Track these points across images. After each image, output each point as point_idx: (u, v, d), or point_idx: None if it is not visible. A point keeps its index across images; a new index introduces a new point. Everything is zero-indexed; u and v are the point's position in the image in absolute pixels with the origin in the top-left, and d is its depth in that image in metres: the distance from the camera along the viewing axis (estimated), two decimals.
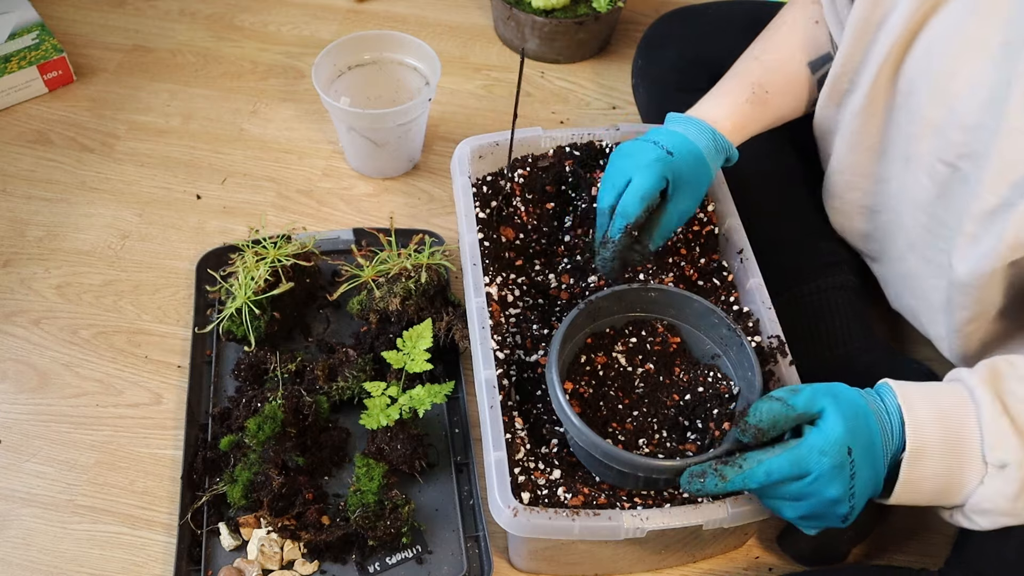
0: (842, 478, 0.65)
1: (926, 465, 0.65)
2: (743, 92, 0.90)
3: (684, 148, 0.84)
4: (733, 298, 0.92)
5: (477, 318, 0.86)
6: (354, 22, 1.47)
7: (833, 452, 0.66)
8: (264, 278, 0.95)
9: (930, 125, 0.77)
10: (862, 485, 0.66)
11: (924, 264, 0.85)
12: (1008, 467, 0.63)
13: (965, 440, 0.64)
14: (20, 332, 1.05)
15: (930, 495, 0.67)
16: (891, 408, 0.67)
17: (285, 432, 0.89)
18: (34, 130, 1.27)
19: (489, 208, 0.98)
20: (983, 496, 0.65)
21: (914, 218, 0.83)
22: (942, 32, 0.75)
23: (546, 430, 0.84)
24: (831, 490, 0.65)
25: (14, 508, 0.92)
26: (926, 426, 0.65)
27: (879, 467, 0.66)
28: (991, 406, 0.64)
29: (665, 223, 0.83)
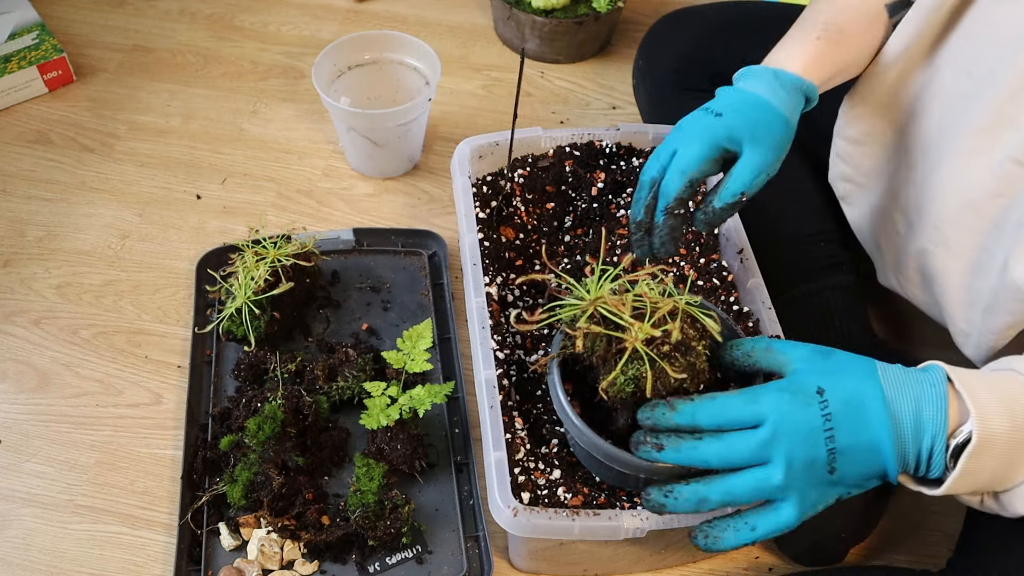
0: (808, 417, 0.61)
1: (990, 456, 0.60)
2: (812, 31, 0.81)
3: (739, 103, 0.76)
4: (733, 298, 0.93)
5: (477, 318, 0.86)
6: (354, 22, 1.47)
7: (793, 389, 0.62)
8: (264, 278, 0.95)
9: (1008, 120, 0.72)
10: (850, 440, 0.61)
11: (959, 262, 0.80)
12: None
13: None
14: (20, 332, 1.05)
15: (980, 485, 0.62)
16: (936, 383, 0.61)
17: (285, 432, 0.89)
18: (34, 130, 1.27)
19: (489, 208, 0.98)
20: None
21: (958, 217, 0.78)
22: None
23: (546, 430, 0.84)
24: (796, 433, 0.61)
25: (14, 508, 0.92)
26: (993, 418, 0.59)
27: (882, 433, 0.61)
28: None
29: (733, 181, 0.75)
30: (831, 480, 0.63)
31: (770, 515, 0.63)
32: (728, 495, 0.63)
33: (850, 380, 0.63)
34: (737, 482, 0.63)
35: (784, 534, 0.88)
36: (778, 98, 0.77)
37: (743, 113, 0.75)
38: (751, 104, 0.76)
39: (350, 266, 1.11)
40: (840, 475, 0.62)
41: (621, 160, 1.04)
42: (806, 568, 0.90)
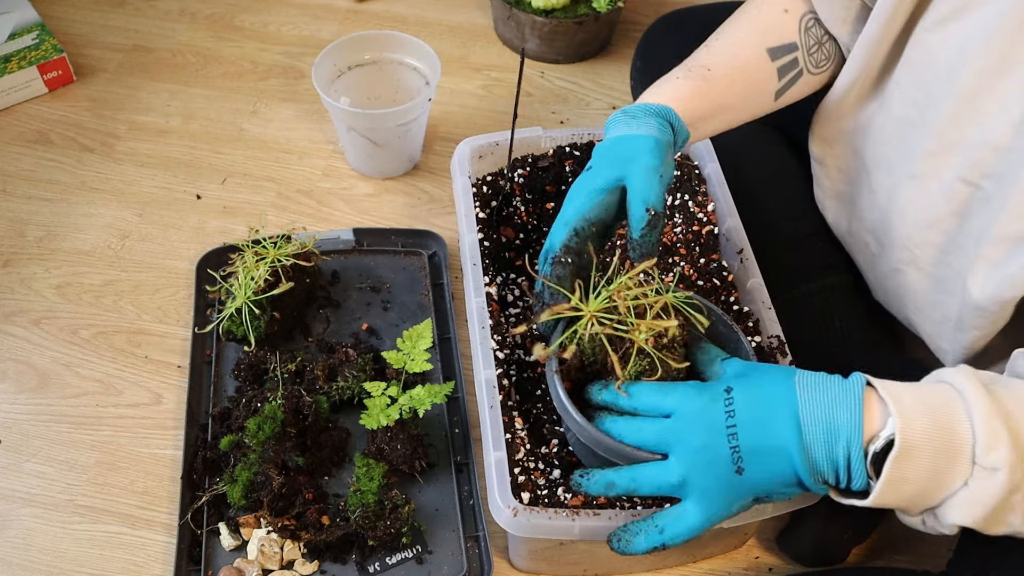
0: (711, 413, 0.63)
1: (915, 463, 0.59)
2: (675, 72, 0.86)
3: (601, 148, 0.78)
4: (733, 298, 0.93)
5: (477, 318, 0.86)
6: (354, 22, 1.47)
7: (705, 387, 0.65)
8: (264, 278, 0.95)
9: (952, 143, 0.74)
10: (754, 439, 0.61)
11: (927, 280, 0.82)
12: (998, 471, 0.58)
13: (956, 439, 0.59)
14: (20, 332, 1.05)
15: (910, 497, 0.61)
16: (853, 388, 0.61)
17: (285, 432, 0.89)
18: (34, 130, 1.27)
19: (489, 208, 0.98)
20: (964, 499, 0.59)
21: (919, 235, 0.81)
22: (968, 48, 0.72)
23: (546, 430, 0.84)
24: (696, 425, 0.63)
25: (14, 508, 0.92)
26: (916, 423, 0.59)
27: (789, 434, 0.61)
28: (985, 407, 0.59)
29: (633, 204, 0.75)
30: (742, 484, 0.63)
31: (677, 517, 0.65)
32: (632, 482, 0.66)
33: (760, 382, 0.65)
34: (641, 471, 0.66)
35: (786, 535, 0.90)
36: (632, 127, 0.78)
37: (607, 152, 0.77)
38: (611, 143, 0.78)
39: (350, 266, 1.11)
40: (750, 477, 0.63)
41: None
42: (807, 568, 0.90)
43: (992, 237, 0.70)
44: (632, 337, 0.69)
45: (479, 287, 0.88)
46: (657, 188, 0.74)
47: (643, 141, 0.76)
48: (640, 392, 0.68)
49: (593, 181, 0.76)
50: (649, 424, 0.67)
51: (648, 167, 0.74)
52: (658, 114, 0.80)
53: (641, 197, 0.74)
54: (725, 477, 0.63)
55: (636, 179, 0.74)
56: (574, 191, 0.77)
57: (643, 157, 0.75)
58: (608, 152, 0.77)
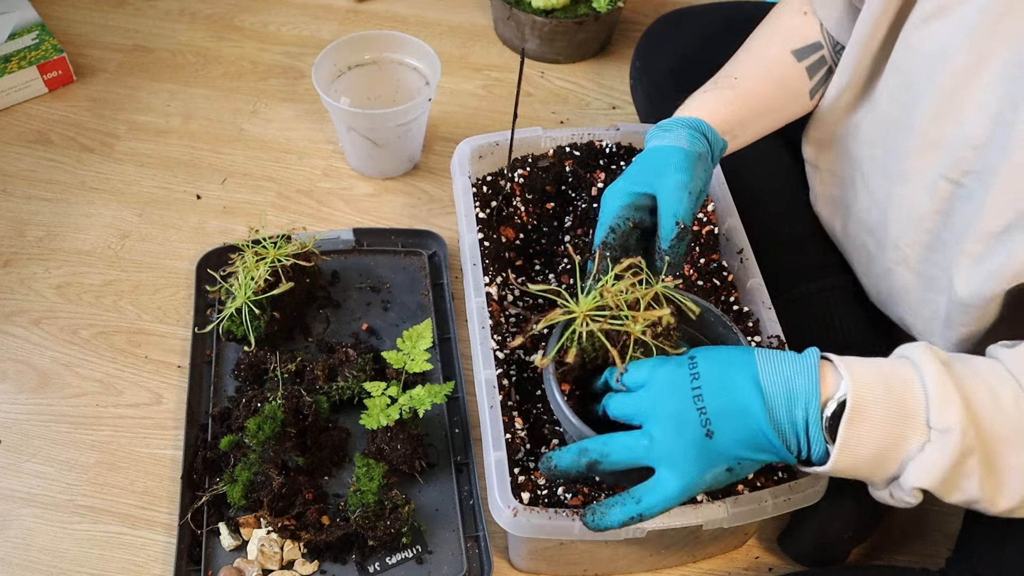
0: (676, 376, 0.65)
1: (869, 426, 0.60)
2: (705, 88, 0.90)
3: (638, 159, 0.82)
4: (733, 298, 0.93)
5: (477, 318, 0.86)
6: (354, 22, 1.47)
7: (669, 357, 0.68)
8: (264, 278, 0.95)
9: (934, 142, 0.76)
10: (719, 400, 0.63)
11: (917, 278, 0.84)
12: (951, 431, 0.59)
13: (909, 401, 0.60)
14: (20, 332, 1.05)
15: (868, 462, 0.61)
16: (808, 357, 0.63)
17: (285, 432, 0.89)
18: (34, 130, 1.27)
19: (489, 208, 0.98)
20: (920, 463, 0.60)
21: (908, 234, 0.82)
22: (949, 46, 0.73)
23: (546, 430, 0.84)
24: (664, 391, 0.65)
25: (14, 508, 0.92)
26: (868, 386, 0.61)
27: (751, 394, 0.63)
28: (937, 371, 0.60)
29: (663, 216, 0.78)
30: (713, 448, 0.64)
31: (651, 486, 0.65)
32: (604, 445, 0.67)
33: (720, 351, 0.67)
34: (614, 437, 0.67)
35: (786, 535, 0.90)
36: (667, 139, 0.82)
37: (642, 162, 0.81)
38: (646, 154, 0.82)
39: (350, 266, 1.11)
40: (720, 440, 0.64)
41: (621, 160, 1.04)
42: (807, 568, 0.90)
43: (974, 234, 0.72)
44: (628, 329, 0.70)
45: (479, 287, 0.88)
46: (686, 202, 0.77)
47: (673, 153, 0.80)
48: (629, 370, 0.70)
49: (625, 184, 0.80)
50: (629, 397, 0.69)
51: (677, 182, 0.78)
52: (690, 126, 0.83)
53: (671, 210, 0.77)
54: (695, 441, 0.64)
55: (666, 192, 0.78)
56: (607, 194, 0.81)
57: (673, 171, 0.79)
58: (642, 162, 0.82)
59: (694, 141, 0.82)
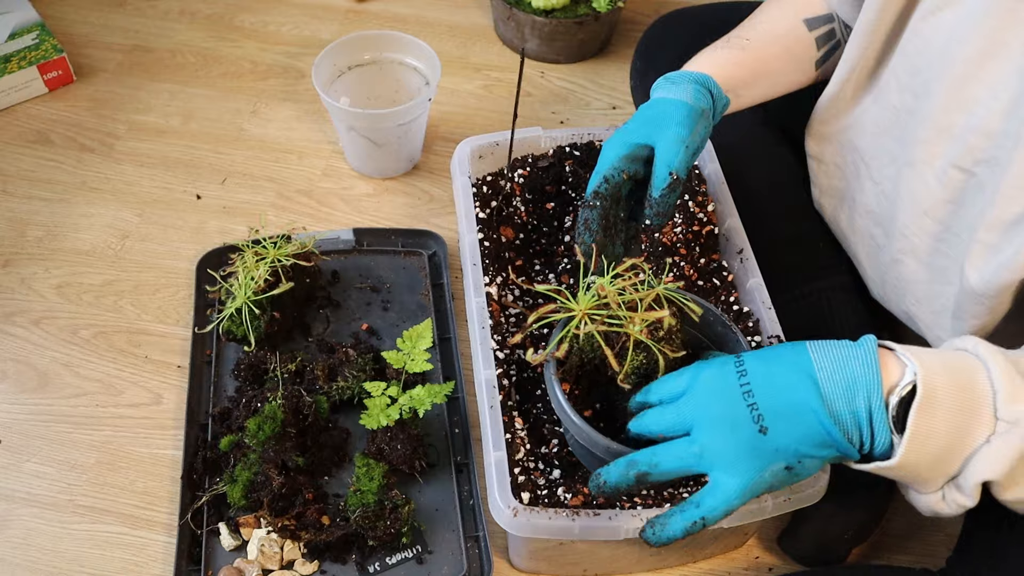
0: (722, 377, 0.64)
1: (938, 416, 0.58)
2: (718, 42, 0.91)
3: (641, 109, 0.83)
4: (733, 298, 0.93)
5: (477, 318, 0.86)
6: (354, 22, 1.47)
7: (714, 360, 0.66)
8: (264, 278, 0.95)
9: (945, 130, 0.75)
10: (772, 395, 0.62)
11: (925, 269, 0.83)
12: (1020, 423, 0.57)
13: (977, 392, 0.58)
14: (20, 332, 1.05)
15: (934, 456, 0.59)
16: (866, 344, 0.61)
17: (285, 432, 0.89)
18: (34, 130, 1.27)
19: (489, 208, 0.98)
20: (989, 456, 0.58)
21: (917, 223, 0.81)
22: (959, 35, 0.73)
23: (546, 430, 0.84)
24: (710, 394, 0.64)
25: (14, 508, 0.92)
26: (937, 373, 0.58)
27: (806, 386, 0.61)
28: (1003, 363, 0.59)
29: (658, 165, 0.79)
30: (768, 445, 0.62)
31: (710, 490, 0.64)
32: (653, 456, 0.65)
33: (770, 350, 0.66)
34: (662, 446, 0.65)
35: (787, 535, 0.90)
36: (672, 92, 0.83)
37: (643, 113, 0.82)
38: (649, 105, 0.83)
39: (350, 266, 1.11)
40: (776, 436, 0.62)
41: None
42: (807, 568, 0.90)
43: (987, 222, 0.71)
44: (627, 330, 0.69)
45: (479, 287, 0.88)
46: (682, 155, 0.78)
47: (677, 107, 0.81)
48: (661, 382, 0.69)
49: (624, 135, 0.81)
50: (669, 408, 0.67)
51: (676, 135, 0.78)
52: (697, 81, 0.84)
53: (665, 161, 0.78)
54: (748, 439, 0.62)
55: (663, 143, 0.79)
56: (607, 144, 0.82)
57: (673, 124, 0.79)
58: (644, 113, 0.82)
59: (698, 96, 0.82)
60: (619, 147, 0.80)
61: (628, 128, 0.82)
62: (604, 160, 0.81)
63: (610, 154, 0.81)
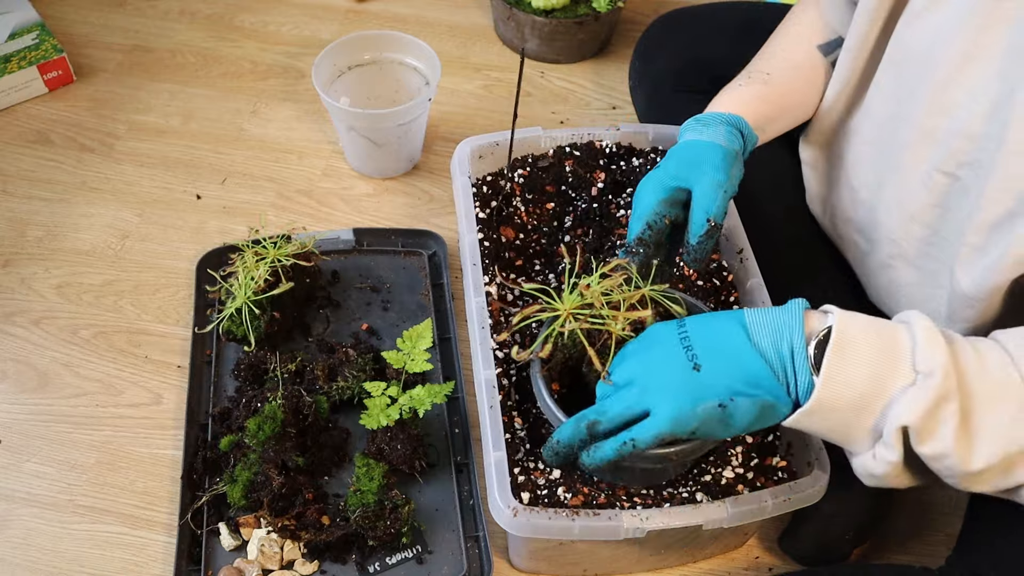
0: (663, 331, 0.68)
1: (853, 360, 0.61)
2: (737, 81, 0.91)
3: (676, 151, 0.83)
4: (733, 298, 0.93)
5: (477, 318, 0.86)
6: (354, 22, 1.47)
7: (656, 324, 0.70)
8: (264, 278, 0.95)
9: (929, 134, 0.76)
10: (707, 339, 0.66)
11: (916, 273, 0.84)
12: (934, 373, 0.59)
13: (896, 343, 0.61)
14: (20, 332, 1.05)
15: (852, 404, 0.61)
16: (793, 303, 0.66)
17: (285, 432, 0.89)
18: (34, 130, 1.27)
19: (489, 208, 0.98)
20: (905, 401, 0.60)
21: (905, 229, 0.82)
22: (941, 39, 0.73)
23: (546, 430, 0.84)
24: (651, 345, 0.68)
25: (14, 508, 0.92)
26: (855, 323, 0.62)
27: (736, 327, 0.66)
28: (927, 324, 0.62)
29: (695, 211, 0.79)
30: (701, 380, 0.65)
31: (645, 420, 0.66)
32: (600, 405, 0.68)
33: (708, 314, 0.70)
34: (608, 397, 0.69)
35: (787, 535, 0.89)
36: (705, 135, 0.84)
37: (679, 155, 0.82)
38: (685, 147, 0.83)
39: (350, 266, 1.11)
40: (708, 372, 0.65)
41: (621, 160, 1.04)
42: (807, 568, 0.90)
43: (973, 225, 0.72)
44: (609, 328, 0.70)
45: (479, 287, 0.88)
46: (719, 200, 0.78)
47: (713, 151, 0.81)
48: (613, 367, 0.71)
49: (663, 179, 0.81)
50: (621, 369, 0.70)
51: (713, 180, 0.79)
52: (729, 123, 0.84)
53: (703, 207, 0.78)
54: (682, 375, 0.65)
55: (701, 188, 0.79)
56: (643, 186, 0.82)
57: (710, 169, 0.80)
58: (679, 154, 0.82)
59: (731, 138, 0.83)
60: (658, 191, 0.80)
61: (666, 169, 0.81)
62: (645, 205, 0.80)
63: (650, 199, 0.80)
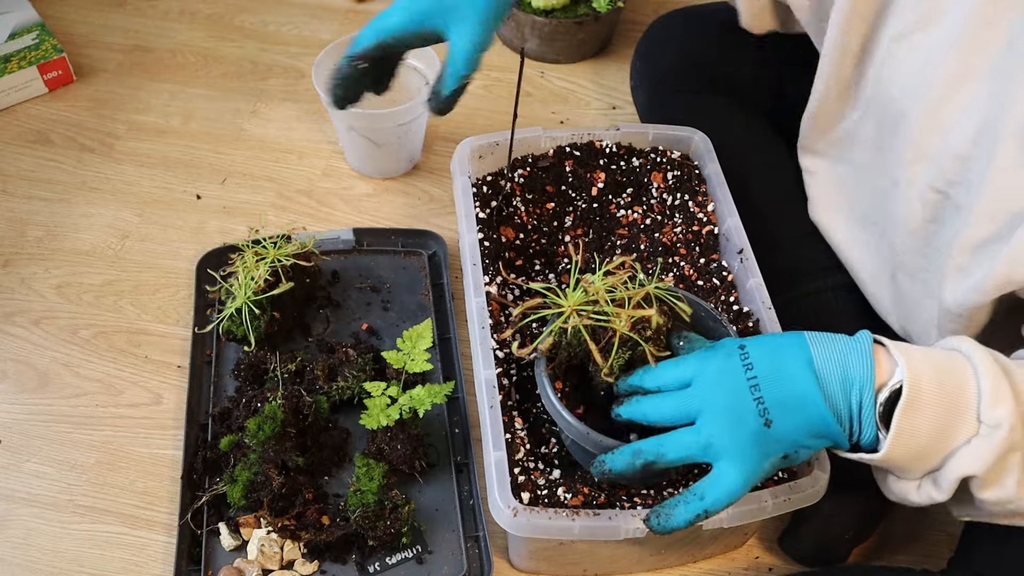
0: (729, 368, 0.64)
1: (922, 415, 0.60)
2: None
3: None
4: (733, 298, 0.93)
5: (477, 318, 0.86)
6: (354, 22, 1.47)
7: (717, 348, 0.65)
8: (264, 278, 0.95)
9: (924, 152, 0.76)
10: (776, 388, 0.62)
11: (913, 284, 0.84)
12: (1001, 427, 0.59)
13: (964, 394, 0.60)
14: (20, 332, 1.05)
15: (917, 452, 0.61)
16: (862, 340, 0.63)
17: (285, 432, 0.89)
18: (34, 130, 1.27)
19: (489, 208, 0.98)
20: (968, 455, 0.60)
21: (904, 242, 0.82)
22: (932, 59, 0.74)
23: (546, 430, 0.84)
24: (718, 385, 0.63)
25: (14, 508, 0.92)
26: (924, 374, 0.60)
27: (807, 378, 0.62)
28: (991, 368, 0.60)
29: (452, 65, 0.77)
30: (771, 436, 0.63)
31: (714, 481, 0.64)
32: (659, 446, 0.65)
33: (771, 339, 0.66)
34: (669, 436, 0.66)
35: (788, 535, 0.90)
36: None
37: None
38: None
39: (350, 266, 1.11)
40: (778, 428, 0.63)
41: (621, 160, 1.04)
42: (807, 568, 0.90)
43: (960, 244, 0.72)
44: (613, 326, 0.70)
45: (479, 287, 0.88)
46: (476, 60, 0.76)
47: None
48: (659, 371, 0.69)
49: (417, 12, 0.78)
50: (670, 396, 0.67)
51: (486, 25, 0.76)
52: None
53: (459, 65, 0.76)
54: (754, 431, 0.63)
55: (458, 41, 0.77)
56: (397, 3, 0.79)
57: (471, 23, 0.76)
58: None
59: None
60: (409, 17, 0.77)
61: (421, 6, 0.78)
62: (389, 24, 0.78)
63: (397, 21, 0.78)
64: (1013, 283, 0.67)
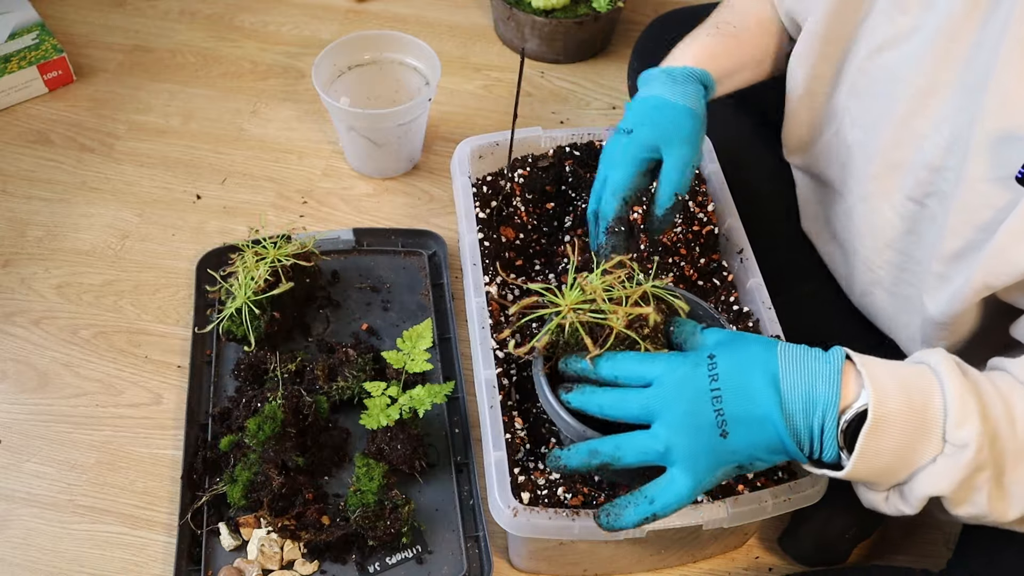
0: (694, 377, 0.63)
1: (886, 438, 0.59)
2: (704, 30, 0.90)
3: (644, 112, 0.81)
4: (733, 298, 0.92)
5: (477, 318, 0.86)
6: (354, 22, 1.48)
7: (687, 355, 0.65)
8: (264, 278, 0.95)
9: (897, 166, 0.77)
10: (738, 404, 0.62)
11: (892, 299, 0.84)
12: (967, 447, 0.58)
13: (928, 414, 0.59)
14: (20, 332, 1.05)
15: (881, 470, 0.61)
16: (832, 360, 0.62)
17: (285, 432, 0.89)
18: (34, 130, 1.27)
19: (489, 208, 0.98)
20: (931, 472, 0.60)
21: (880, 255, 0.82)
22: (902, 75, 0.74)
23: (546, 430, 0.84)
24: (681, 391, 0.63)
25: (14, 508, 0.92)
26: (890, 397, 0.59)
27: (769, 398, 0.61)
28: (958, 386, 0.60)
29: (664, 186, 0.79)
30: (726, 447, 0.63)
31: (665, 486, 0.64)
32: (616, 449, 0.64)
33: (742, 350, 0.64)
34: (625, 438, 0.65)
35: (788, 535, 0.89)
36: (675, 93, 0.81)
37: (650, 120, 0.80)
38: (654, 107, 0.81)
39: (350, 266, 1.11)
40: (734, 441, 0.62)
41: None
42: (807, 568, 0.90)
43: (938, 254, 0.72)
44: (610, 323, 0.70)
45: (479, 287, 0.88)
46: (689, 175, 0.79)
47: (685, 118, 0.80)
48: (622, 361, 0.67)
49: (636, 151, 0.79)
50: (632, 394, 0.65)
51: (684, 157, 0.78)
52: (699, 80, 0.83)
53: (673, 182, 0.78)
54: (710, 442, 0.63)
55: (672, 162, 0.79)
56: (616, 157, 0.80)
57: (681, 142, 0.79)
58: (649, 118, 0.80)
59: (700, 100, 0.82)
60: (633, 163, 0.79)
61: (636, 140, 0.79)
62: (621, 179, 0.79)
63: (626, 172, 0.79)
64: (991, 288, 0.67)
